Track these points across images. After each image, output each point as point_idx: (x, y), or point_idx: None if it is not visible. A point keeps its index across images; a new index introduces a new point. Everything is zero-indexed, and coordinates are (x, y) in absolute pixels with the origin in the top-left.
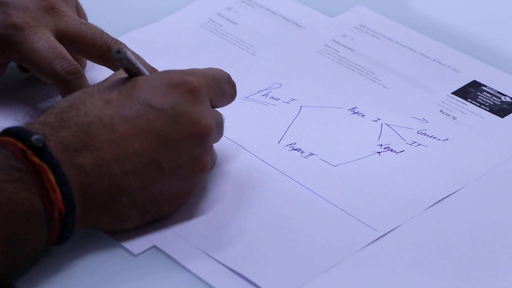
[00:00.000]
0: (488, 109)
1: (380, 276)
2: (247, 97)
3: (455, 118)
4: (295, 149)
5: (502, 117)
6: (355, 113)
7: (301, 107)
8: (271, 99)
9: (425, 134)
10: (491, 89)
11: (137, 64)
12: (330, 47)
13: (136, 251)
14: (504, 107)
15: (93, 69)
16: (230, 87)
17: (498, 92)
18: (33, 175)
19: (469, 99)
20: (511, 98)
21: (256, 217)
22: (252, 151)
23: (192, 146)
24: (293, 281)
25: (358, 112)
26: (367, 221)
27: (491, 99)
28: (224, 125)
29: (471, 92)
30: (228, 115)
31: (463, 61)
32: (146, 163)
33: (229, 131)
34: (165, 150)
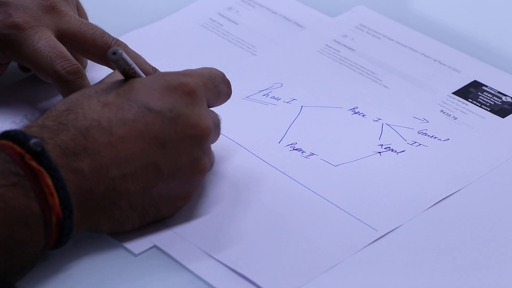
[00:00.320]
0: (489, 109)
1: (380, 276)
2: (247, 97)
3: (456, 118)
4: (295, 149)
5: (503, 117)
6: (355, 113)
7: (302, 107)
8: (272, 99)
9: (425, 134)
10: (492, 89)
11: (133, 65)
12: (331, 47)
13: (136, 251)
14: (505, 107)
15: (94, 69)
16: (225, 86)
17: (499, 92)
18: (31, 179)
19: (470, 99)
20: None
21: (256, 217)
22: (252, 151)
23: (190, 148)
24: (293, 281)
25: (359, 112)
26: (368, 221)
27: (492, 99)
28: (220, 125)
29: (472, 92)
30: (228, 115)
31: (464, 61)
32: (144, 166)
33: (230, 131)
34: (163, 152)
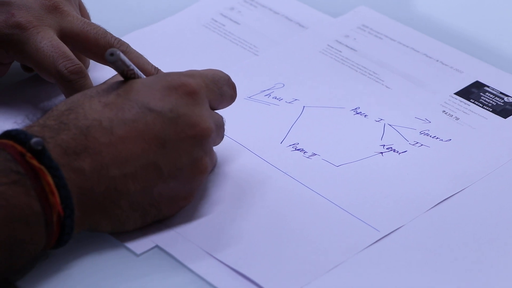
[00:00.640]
0: (491, 110)
1: (382, 276)
2: (249, 97)
3: (457, 118)
4: (297, 149)
5: (505, 117)
6: (357, 113)
7: (304, 107)
8: (274, 99)
9: (427, 134)
10: (494, 89)
11: (131, 66)
12: (332, 47)
13: (138, 251)
14: (507, 108)
15: (96, 69)
16: (229, 89)
17: (501, 92)
18: (32, 178)
19: (471, 100)
20: None
21: (258, 217)
22: (254, 151)
23: (191, 148)
24: (295, 281)
25: (360, 112)
26: (370, 221)
27: (493, 99)
28: (224, 127)
29: (473, 92)
30: (230, 115)
31: (466, 61)
32: (145, 166)
33: (232, 131)
34: (164, 152)
